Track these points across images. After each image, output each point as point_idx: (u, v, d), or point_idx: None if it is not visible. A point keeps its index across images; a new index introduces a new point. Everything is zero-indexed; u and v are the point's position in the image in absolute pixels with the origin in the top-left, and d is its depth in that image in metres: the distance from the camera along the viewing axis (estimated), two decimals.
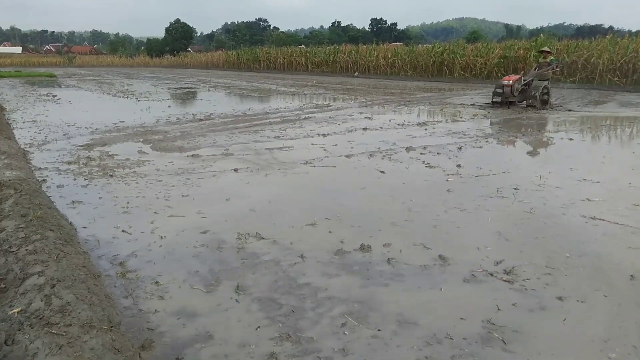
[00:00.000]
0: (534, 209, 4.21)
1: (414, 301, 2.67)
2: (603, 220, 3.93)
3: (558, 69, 12.46)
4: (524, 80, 11.85)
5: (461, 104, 13.29)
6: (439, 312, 2.56)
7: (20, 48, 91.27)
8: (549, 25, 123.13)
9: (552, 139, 7.74)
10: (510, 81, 11.71)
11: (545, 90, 11.85)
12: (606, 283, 2.89)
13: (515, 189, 4.80)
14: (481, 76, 24.03)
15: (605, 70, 19.41)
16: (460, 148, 6.82)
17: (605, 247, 3.42)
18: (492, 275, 2.97)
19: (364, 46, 33.80)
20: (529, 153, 6.95)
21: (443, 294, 2.76)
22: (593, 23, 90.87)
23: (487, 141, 7.47)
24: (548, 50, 12.92)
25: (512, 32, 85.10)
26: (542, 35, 24.47)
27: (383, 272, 3.01)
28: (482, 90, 18.53)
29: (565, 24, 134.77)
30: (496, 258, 3.20)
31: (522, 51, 22.86)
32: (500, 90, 11.74)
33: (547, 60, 12.28)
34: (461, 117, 10.49)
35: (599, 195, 4.60)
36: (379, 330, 2.38)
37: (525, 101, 11.75)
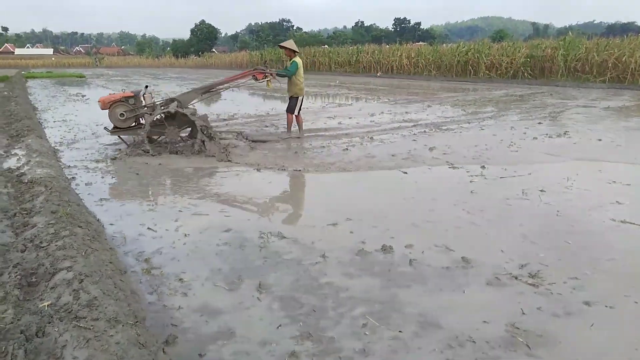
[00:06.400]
0: (560, 212, 4.12)
1: (436, 303, 2.65)
2: (633, 224, 3.82)
3: (269, 78, 7.17)
4: (176, 102, 6.47)
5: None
6: (461, 314, 2.53)
7: (52, 49, 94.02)
8: (578, 23, 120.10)
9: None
10: (100, 103, 6.45)
11: (203, 129, 6.39)
12: (636, 289, 2.80)
13: (541, 190, 4.70)
14: (507, 76, 23.60)
15: (638, 70, 18.83)
16: None
17: (635, 252, 3.32)
18: (516, 278, 2.92)
19: (387, 46, 33.61)
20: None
21: (466, 296, 2.73)
22: (625, 21, 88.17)
23: None
24: (292, 48, 7.72)
25: (539, 31, 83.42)
26: (570, 33, 23.87)
27: (405, 274, 2.99)
28: (508, 90, 18.22)
29: (595, 22, 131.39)
30: (521, 261, 3.15)
31: (549, 50, 22.37)
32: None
33: (290, 63, 7.68)
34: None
35: (629, 198, 4.47)
36: (400, 331, 2.37)
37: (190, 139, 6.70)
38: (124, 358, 1.86)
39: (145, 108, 6.54)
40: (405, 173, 5.49)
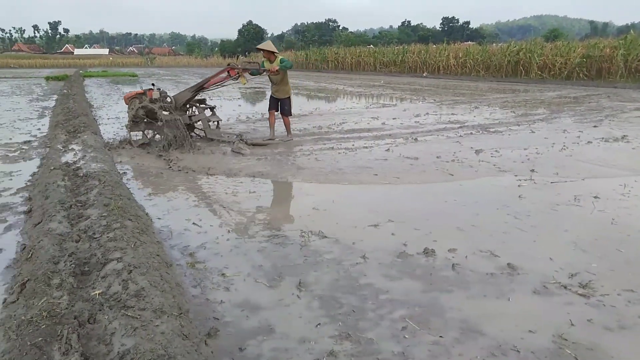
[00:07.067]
0: (615, 220, 3.90)
1: (479, 310, 2.57)
2: None
3: (241, 75, 7.31)
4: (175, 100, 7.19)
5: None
6: (505, 322, 2.45)
7: (107, 50, 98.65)
8: None
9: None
10: (124, 100, 7.56)
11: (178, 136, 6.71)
12: None
13: (595, 197, 4.48)
14: (560, 76, 22.65)
15: None
16: None
17: None
18: (565, 287, 2.79)
19: (434, 46, 33.03)
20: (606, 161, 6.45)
21: (511, 304, 2.64)
22: None
23: None
24: (270, 49, 7.49)
25: (597, 29, 79.43)
26: (632, 32, 22.58)
27: (447, 278, 2.93)
28: (561, 91, 17.47)
29: None
30: (571, 270, 3.01)
31: (608, 50, 21.27)
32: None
33: (275, 65, 7.32)
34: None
35: None
36: (440, 336, 2.32)
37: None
38: (168, 348, 1.92)
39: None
40: (451, 175, 5.37)
